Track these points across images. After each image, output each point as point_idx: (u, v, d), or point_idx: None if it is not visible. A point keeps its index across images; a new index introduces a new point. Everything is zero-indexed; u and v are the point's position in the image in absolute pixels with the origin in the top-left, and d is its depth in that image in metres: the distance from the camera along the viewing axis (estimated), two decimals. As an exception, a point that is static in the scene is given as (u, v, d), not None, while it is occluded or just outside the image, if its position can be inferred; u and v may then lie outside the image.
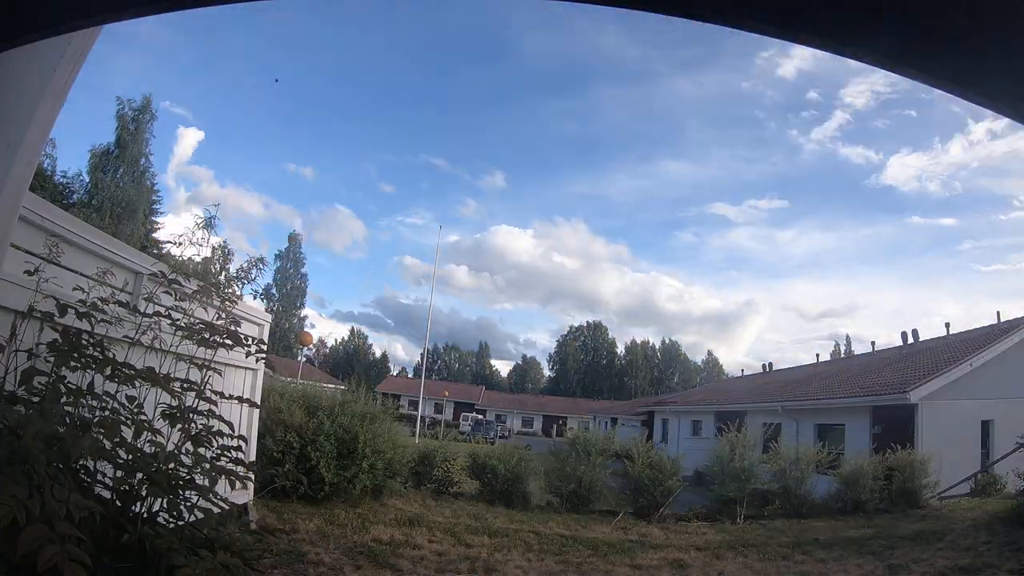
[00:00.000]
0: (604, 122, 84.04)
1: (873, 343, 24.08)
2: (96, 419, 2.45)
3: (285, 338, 52.60)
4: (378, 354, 77.36)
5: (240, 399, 3.56)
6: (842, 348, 63.14)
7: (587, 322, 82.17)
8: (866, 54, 1.26)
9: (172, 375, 2.91)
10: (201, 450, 2.80)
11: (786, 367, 30.57)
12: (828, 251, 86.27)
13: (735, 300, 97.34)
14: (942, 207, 77.44)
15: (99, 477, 2.49)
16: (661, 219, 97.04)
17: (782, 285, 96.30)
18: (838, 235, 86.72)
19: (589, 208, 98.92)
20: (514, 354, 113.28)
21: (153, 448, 2.64)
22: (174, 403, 2.83)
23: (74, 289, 2.96)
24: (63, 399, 2.43)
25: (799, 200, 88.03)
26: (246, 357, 3.51)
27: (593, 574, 6.46)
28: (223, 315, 3.30)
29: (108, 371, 2.64)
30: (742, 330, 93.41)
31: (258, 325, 6.67)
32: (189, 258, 3.29)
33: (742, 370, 46.05)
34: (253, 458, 6.19)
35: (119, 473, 2.46)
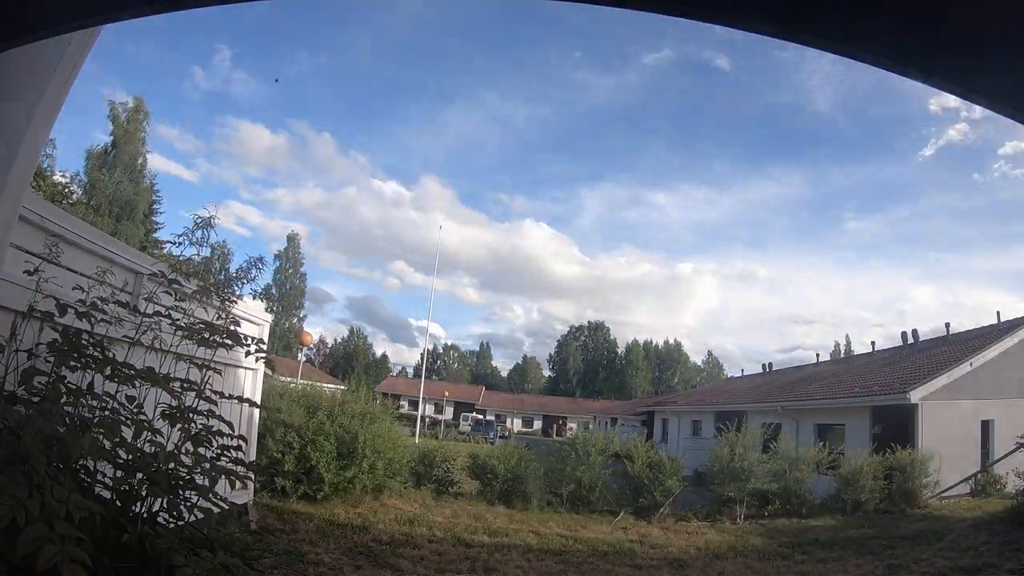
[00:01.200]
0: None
1: (873, 343, 24.08)
2: (96, 419, 2.45)
3: (285, 338, 52.58)
4: (378, 354, 77.33)
5: (240, 399, 3.56)
6: (842, 348, 63.13)
7: (587, 322, 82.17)
8: (866, 54, 1.26)
9: (172, 375, 2.91)
10: (201, 450, 2.80)
11: (786, 367, 30.60)
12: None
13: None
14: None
15: (99, 477, 2.49)
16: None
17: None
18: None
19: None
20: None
21: (153, 448, 2.64)
22: (174, 403, 2.83)
23: (74, 289, 2.96)
24: (63, 399, 2.43)
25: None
26: (246, 357, 3.51)
27: (593, 574, 6.46)
28: (223, 315, 3.30)
29: (108, 371, 2.64)
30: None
31: (258, 325, 6.67)
32: (188, 258, 3.29)
33: (742, 370, 46.10)
34: (253, 458, 6.19)
35: (119, 473, 2.46)
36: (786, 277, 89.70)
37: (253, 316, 6.54)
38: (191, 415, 2.85)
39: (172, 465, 2.63)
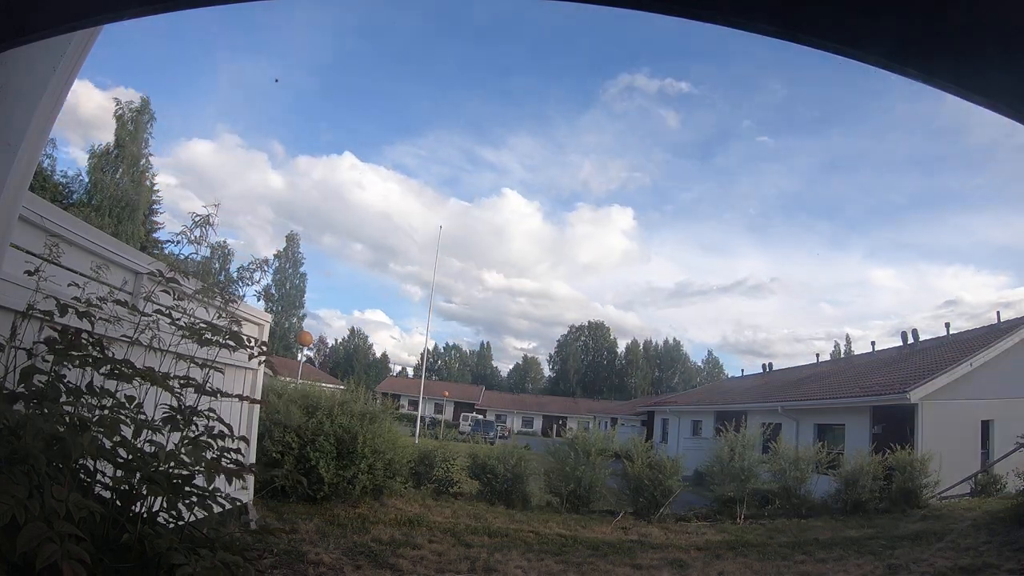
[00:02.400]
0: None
1: (873, 343, 24.12)
2: (96, 418, 2.45)
3: (285, 338, 52.59)
4: (378, 354, 77.32)
5: (241, 398, 3.56)
6: (842, 348, 63.15)
7: (588, 322, 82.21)
8: (866, 54, 1.26)
9: (172, 375, 2.91)
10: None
11: (786, 367, 30.61)
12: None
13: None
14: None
15: (99, 477, 2.49)
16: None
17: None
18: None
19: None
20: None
21: (153, 448, 2.64)
22: (174, 403, 2.83)
23: (69, 285, 2.96)
24: (63, 398, 2.43)
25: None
26: (249, 359, 3.51)
27: (593, 574, 6.46)
28: (224, 315, 3.30)
29: (107, 370, 2.64)
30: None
31: (258, 325, 6.68)
32: (187, 257, 3.28)
33: (742, 370, 46.16)
34: (253, 459, 6.20)
35: (119, 473, 2.46)
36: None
37: (254, 316, 6.55)
38: (191, 415, 2.85)
39: (172, 465, 2.63)
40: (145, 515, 2.49)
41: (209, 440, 2.84)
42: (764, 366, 32.75)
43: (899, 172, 74.51)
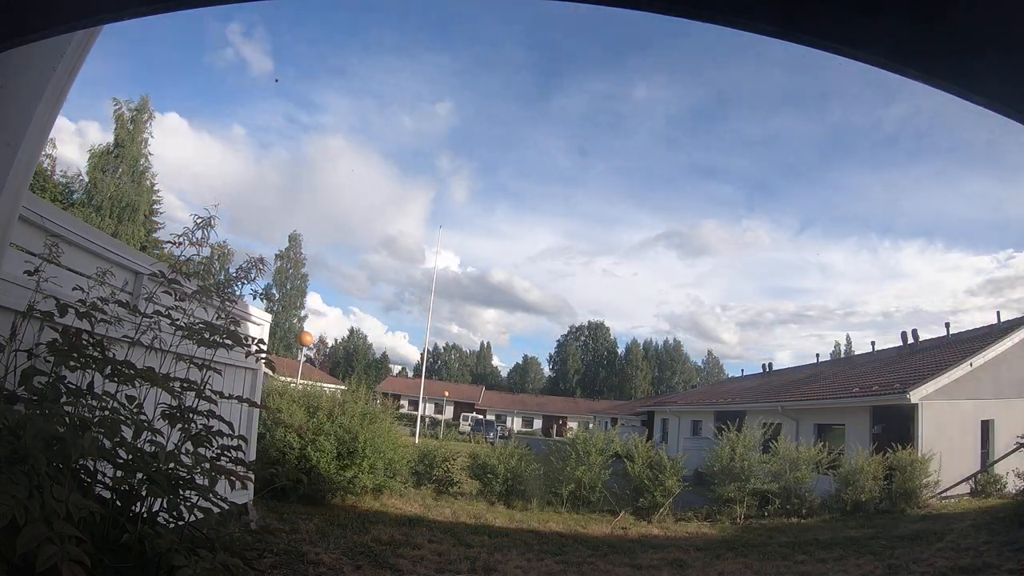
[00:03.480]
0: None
1: (873, 343, 24.12)
2: (96, 419, 2.45)
3: (285, 338, 52.56)
4: (378, 354, 77.25)
5: (240, 399, 3.56)
6: (842, 348, 63.12)
7: (588, 322, 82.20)
8: (866, 54, 1.26)
9: (172, 375, 2.91)
10: (201, 450, 2.80)
11: (786, 367, 30.60)
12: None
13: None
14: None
15: (99, 477, 2.49)
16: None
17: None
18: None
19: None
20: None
21: (153, 448, 2.64)
22: (174, 403, 2.83)
23: (73, 289, 2.96)
24: (63, 399, 2.43)
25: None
26: (246, 357, 3.51)
27: (593, 574, 6.46)
28: (223, 315, 3.30)
29: (108, 371, 2.63)
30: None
31: (258, 325, 6.68)
32: (188, 258, 3.28)
33: (742, 370, 46.14)
34: (253, 458, 6.19)
35: (119, 473, 2.46)
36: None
37: (253, 316, 6.55)
38: (191, 415, 2.85)
39: (172, 465, 2.62)
40: (145, 515, 2.49)
41: (209, 437, 2.84)
42: (764, 366, 32.75)
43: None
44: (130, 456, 2.50)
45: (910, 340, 20.42)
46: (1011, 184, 59.78)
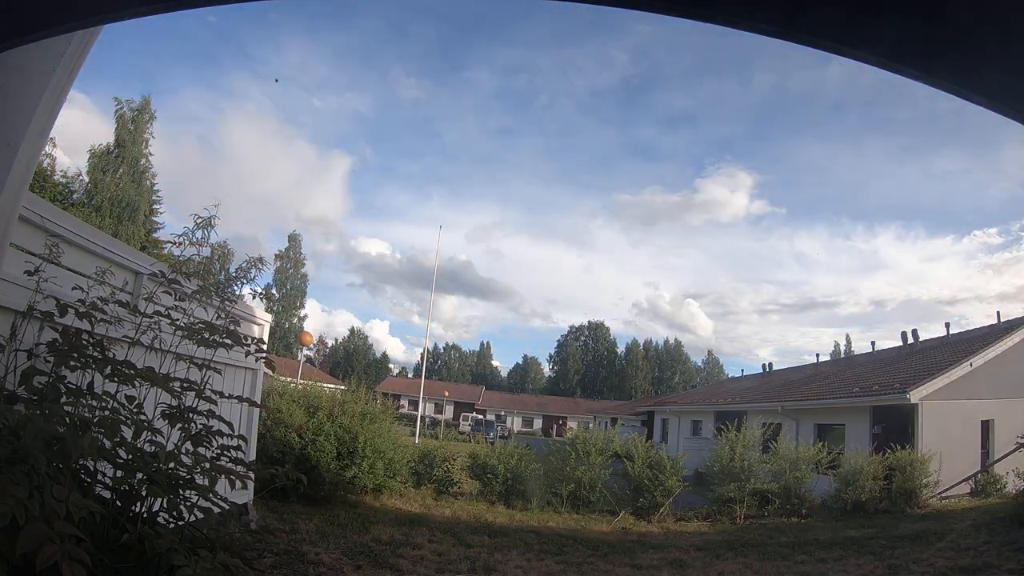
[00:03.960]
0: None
1: (873, 343, 24.13)
2: (96, 419, 2.45)
3: (285, 338, 52.56)
4: (378, 354, 77.28)
5: (240, 399, 3.56)
6: (842, 348, 63.11)
7: (588, 322, 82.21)
8: (866, 54, 1.26)
9: (172, 375, 2.91)
10: (201, 450, 2.80)
11: (786, 367, 30.61)
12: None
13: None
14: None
15: (99, 477, 2.49)
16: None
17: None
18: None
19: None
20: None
21: (153, 448, 2.64)
22: (174, 403, 2.83)
23: (73, 289, 2.96)
24: (63, 399, 2.43)
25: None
26: (246, 357, 3.51)
27: (593, 574, 6.46)
28: (223, 315, 3.30)
29: (108, 371, 2.64)
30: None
31: (258, 325, 6.68)
32: (189, 258, 3.28)
33: (742, 370, 46.16)
34: (253, 458, 6.19)
35: (119, 473, 2.46)
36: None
37: (253, 316, 6.55)
38: (191, 415, 2.85)
39: (172, 465, 2.63)
40: (145, 515, 2.49)
41: (209, 437, 2.84)
42: (764, 366, 32.77)
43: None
44: (130, 456, 2.50)
45: (910, 340, 20.44)
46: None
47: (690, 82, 75.42)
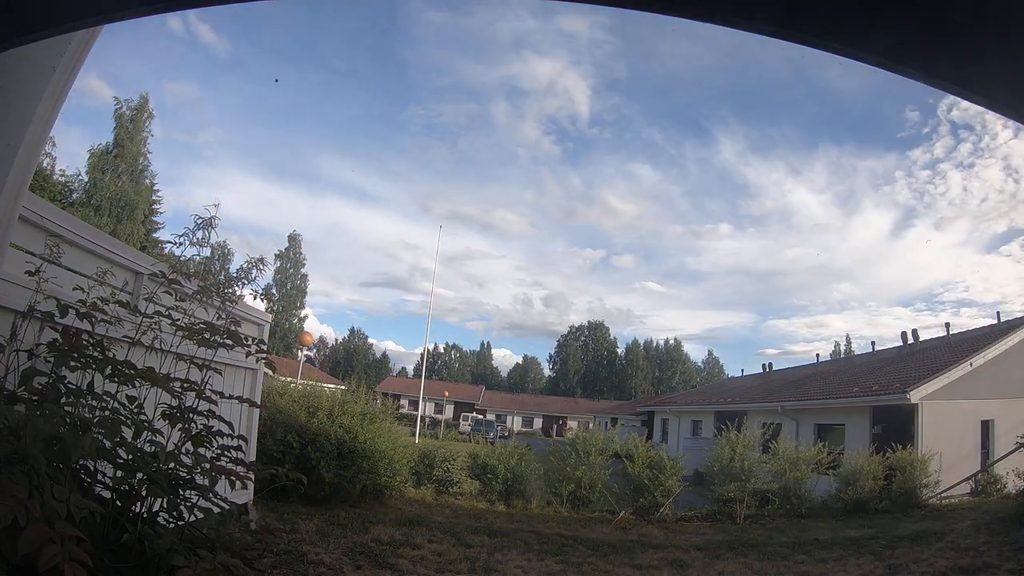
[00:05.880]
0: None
1: (873, 343, 24.14)
2: (96, 419, 2.45)
3: (285, 338, 52.57)
4: (378, 354, 77.29)
5: (240, 399, 3.56)
6: (842, 348, 63.14)
7: (587, 322, 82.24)
8: (866, 54, 1.26)
9: (172, 375, 2.91)
10: (201, 450, 2.80)
11: (786, 367, 30.62)
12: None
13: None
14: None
15: (99, 477, 2.49)
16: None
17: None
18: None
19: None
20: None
21: (153, 448, 2.64)
22: (174, 403, 2.83)
23: (74, 289, 2.96)
24: (63, 399, 2.43)
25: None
26: (246, 357, 3.51)
27: (593, 574, 6.46)
28: (223, 315, 3.30)
29: (108, 371, 2.63)
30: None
31: (258, 325, 6.68)
32: (189, 258, 3.28)
33: (742, 370, 46.14)
34: (253, 458, 6.19)
35: (119, 473, 2.46)
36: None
37: (253, 316, 6.55)
38: (191, 415, 2.85)
39: (172, 465, 2.62)
40: (145, 515, 2.49)
41: (209, 437, 2.84)
42: (764, 366, 32.78)
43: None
44: (130, 456, 2.50)
45: (910, 340, 20.44)
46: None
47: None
